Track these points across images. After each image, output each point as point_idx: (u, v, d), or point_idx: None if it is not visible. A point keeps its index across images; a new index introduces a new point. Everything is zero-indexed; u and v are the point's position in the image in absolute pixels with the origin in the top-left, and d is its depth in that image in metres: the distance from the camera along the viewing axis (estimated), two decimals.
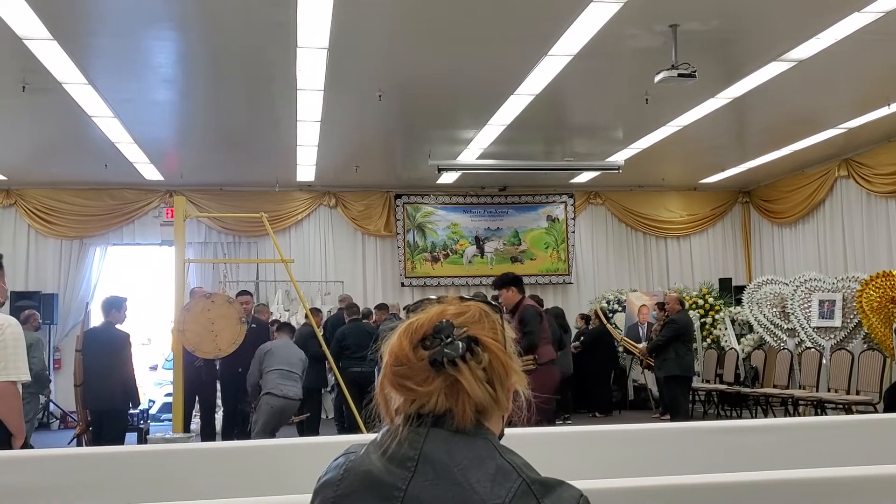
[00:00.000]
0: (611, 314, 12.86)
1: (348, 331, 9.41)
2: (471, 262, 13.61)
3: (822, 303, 10.63)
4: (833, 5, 6.40)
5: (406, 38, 6.92)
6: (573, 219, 13.98)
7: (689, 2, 6.27)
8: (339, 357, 9.01)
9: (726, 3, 6.37)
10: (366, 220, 13.55)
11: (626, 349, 12.27)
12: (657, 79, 7.02)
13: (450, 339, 1.19)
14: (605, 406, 11.74)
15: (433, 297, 1.32)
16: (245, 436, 8.15)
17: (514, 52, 7.19)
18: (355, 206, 13.52)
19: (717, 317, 12.60)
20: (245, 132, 9.79)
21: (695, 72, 6.89)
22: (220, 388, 8.91)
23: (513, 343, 1.28)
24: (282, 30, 6.45)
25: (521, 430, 1.71)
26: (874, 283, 9.85)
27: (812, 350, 10.33)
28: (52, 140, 9.96)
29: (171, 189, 12.47)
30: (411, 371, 1.20)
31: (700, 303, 12.73)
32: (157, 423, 10.81)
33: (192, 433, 8.42)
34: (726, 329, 12.41)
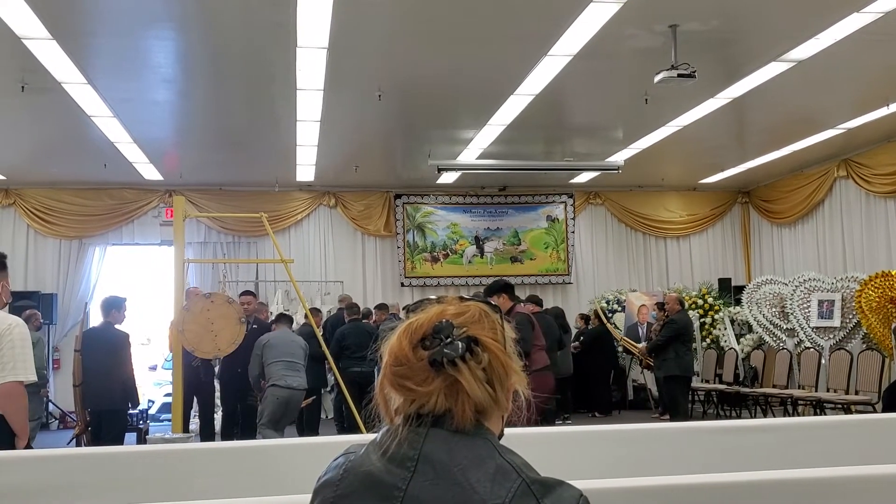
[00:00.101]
0: (610, 314, 12.86)
1: (348, 331, 9.41)
2: (471, 262, 13.61)
3: (821, 303, 10.64)
4: (833, 5, 6.40)
5: (406, 37, 6.92)
6: (573, 219, 13.98)
7: (688, 2, 6.28)
8: (338, 357, 9.01)
9: (726, 4, 6.38)
10: (365, 220, 13.55)
11: (626, 349, 12.28)
12: (657, 79, 7.02)
13: (449, 340, 1.19)
14: (604, 406, 11.73)
15: (433, 297, 1.32)
16: (245, 435, 8.15)
17: (513, 52, 7.19)
18: (355, 206, 13.52)
19: (716, 317, 12.61)
20: (245, 132, 9.79)
21: (694, 72, 6.90)
22: (219, 388, 8.91)
23: (512, 343, 1.28)
24: (282, 30, 6.45)
25: (521, 430, 1.72)
26: (873, 283, 9.86)
27: (811, 350, 10.33)
28: (51, 140, 9.95)
29: (171, 189, 12.47)
30: (411, 371, 1.20)
31: (699, 303, 12.73)
32: (157, 423, 10.81)
33: (192, 433, 8.42)
34: (726, 329, 12.41)
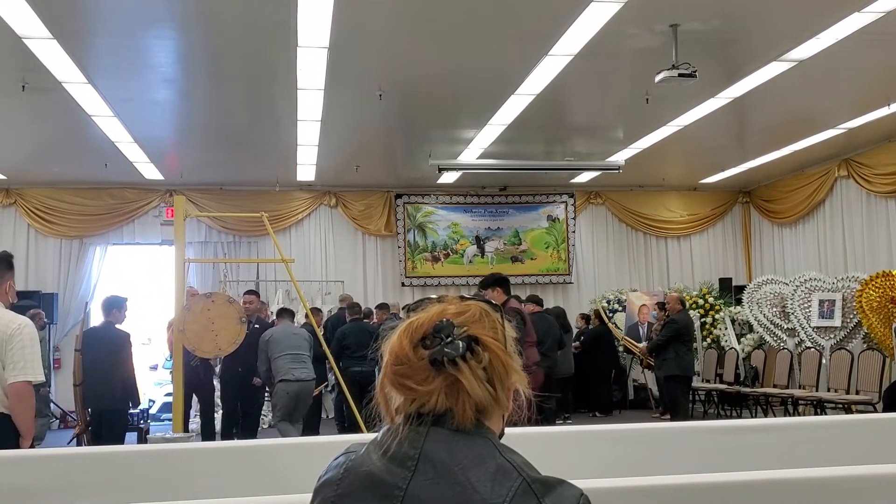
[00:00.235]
0: (611, 314, 12.86)
1: (349, 330, 9.42)
2: (471, 261, 13.61)
3: (821, 303, 10.63)
4: (833, 5, 6.40)
5: (407, 37, 6.92)
6: (573, 218, 13.98)
7: (689, 2, 6.27)
8: (339, 356, 9.02)
9: (727, 3, 6.37)
10: (366, 219, 13.55)
11: (627, 348, 12.28)
12: (657, 79, 7.01)
13: (450, 339, 1.19)
14: (605, 406, 11.73)
15: (433, 296, 1.31)
16: (245, 435, 8.16)
17: (514, 51, 7.19)
18: (356, 206, 13.52)
19: (717, 316, 12.60)
20: (245, 132, 9.79)
21: (695, 72, 6.89)
22: (219, 388, 8.92)
23: (513, 342, 1.28)
24: (282, 29, 6.45)
25: (522, 430, 1.71)
26: (874, 282, 9.85)
27: (812, 350, 10.33)
28: (51, 139, 9.95)
29: (172, 188, 12.48)
30: (411, 370, 1.20)
31: (700, 302, 12.73)
32: (157, 422, 10.81)
33: (192, 433, 8.42)
34: (726, 329, 12.41)
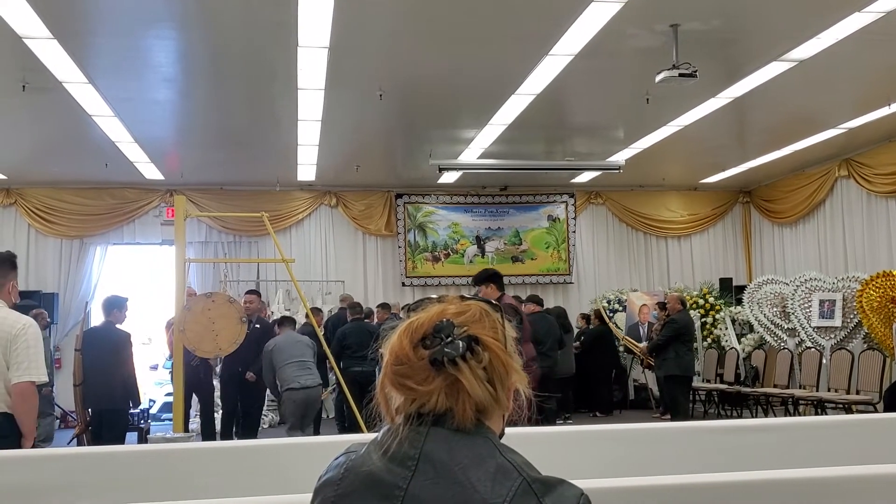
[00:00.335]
0: (611, 314, 12.86)
1: (349, 330, 9.42)
2: (472, 261, 13.60)
3: (822, 302, 10.63)
4: (834, 5, 6.39)
5: (407, 37, 6.92)
6: (574, 218, 13.98)
7: (689, 2, 6.27)
8: (339, 356, 9.02)
9: (727, 3, 6.37)
10: (366, 219, 13.55)
11: (628, 348, 12.27)
12: (658, 78, 7.01)
13: (450, 339, 1.19)
14: (605, 406, 11.72)
15: (434, 296, 1.31)
16: (245, 435, 8.17)
17: (514, 51, 7.19)
18: (356, 206, 13.52)
19: (717, 316, 12.60)
20: (246, 131, 9.79)
21: (696, 71, 6.89)
22: (219, 388, 8.92)
23: (513, 342, 1.27)
24: (282, 29, 6.45)
25: (522, 430, 1.71)
26: (874, 282, 9.85)
27: (812, 350, 10.32)
28: (52, 139, 9.95)
29: (172, 188, 12.48)
30: (412, 370, 1.20)
31: (700, 302, 12.72)
32: (158, 422, 10.81)
33: (192, 433, 8.42)
34: (727, 329, 12.41)
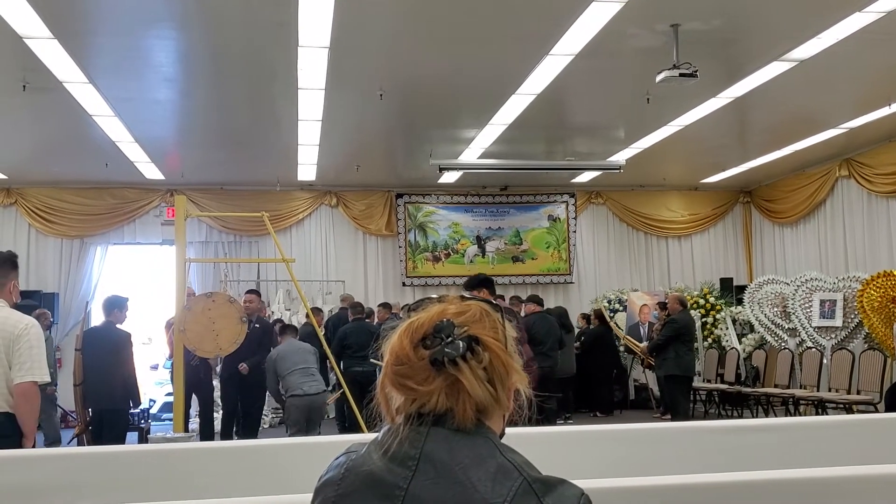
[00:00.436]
0: (612, 314, 12.86)
1: (350, 330, 9.42)
2: (472, 261, 13.60)
3: (822, 302, 10.63)
4: (834, 5, 6.39)
5: (407, 37, 6.92)
6: (574, 218, 13.97)
7: (690, 1, 6.27)
8: (340, 356, 9.02)
9: (728, 3, 6.37)
10: (367, 219, 13.55)
11: (628, 348, 12.27)
12: (658, 78, 7.01)
13: (450, 339, 1.19)
14: (605, 406, 11.72)
15: (434, 296, 1.31)
16: (245, 435, 8.17)
17: (515, 51, 7.19)
18: (356, 206, 13.51)
19: (718, 316, 12.59)
20: (246, 131, 9.79)
21: (696, 71, 6.89)
22: (219, 388, 8.92)
23: (513, 342, 1.27)
24: (283, 29, 6.45)
25: (522, 430, 1.71)
26: (875, 282, 9.85)
27: (813, 350, 10.32)
28: (52, 139, 9.96)
29: (172, 188, 12.48)
30: (412, 370, 1.20)
31: (701, 302, 12.72)
32: (158, 422, 10.81)
33: (192, 433, 8.43)
34: (727, 329, 12.41)
